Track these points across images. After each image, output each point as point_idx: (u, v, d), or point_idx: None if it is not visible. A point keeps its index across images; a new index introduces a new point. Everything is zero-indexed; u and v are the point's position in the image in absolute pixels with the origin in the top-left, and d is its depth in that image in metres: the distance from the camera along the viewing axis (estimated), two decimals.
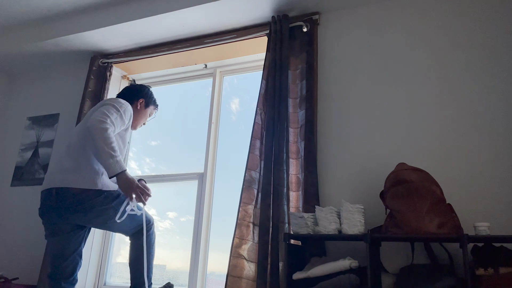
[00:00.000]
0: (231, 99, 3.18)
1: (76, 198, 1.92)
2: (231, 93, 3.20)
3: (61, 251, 2.02)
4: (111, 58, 3.30)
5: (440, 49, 2.38)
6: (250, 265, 2.28)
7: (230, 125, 3.10)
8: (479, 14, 2.35)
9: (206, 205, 2.85)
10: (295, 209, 2.34)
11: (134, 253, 2.11)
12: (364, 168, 2.34)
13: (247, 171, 2.42)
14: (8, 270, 3.12)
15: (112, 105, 2.05)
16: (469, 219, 2.03)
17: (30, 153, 3.45)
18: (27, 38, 3.35)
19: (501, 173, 2.06)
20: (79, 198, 1.92)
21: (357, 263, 1.89)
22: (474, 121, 2.19)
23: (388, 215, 1.94)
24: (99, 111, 1.98)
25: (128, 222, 2.05)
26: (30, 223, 3.20)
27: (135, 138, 3.39)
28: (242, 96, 3.18)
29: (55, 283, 2.03)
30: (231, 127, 3.09)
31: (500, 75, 2.21)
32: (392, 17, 2.57)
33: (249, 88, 3.17)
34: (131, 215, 2.04)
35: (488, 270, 1.68)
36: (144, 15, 2.90)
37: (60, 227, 2.00)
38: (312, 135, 2.40)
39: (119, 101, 2.11)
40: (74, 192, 1.92)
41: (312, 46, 2.62)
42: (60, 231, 2.01)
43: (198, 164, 3.03)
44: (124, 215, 1.98)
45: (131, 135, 3.36)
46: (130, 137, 2.17)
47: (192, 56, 3.15)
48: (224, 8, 2.74)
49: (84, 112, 3.11)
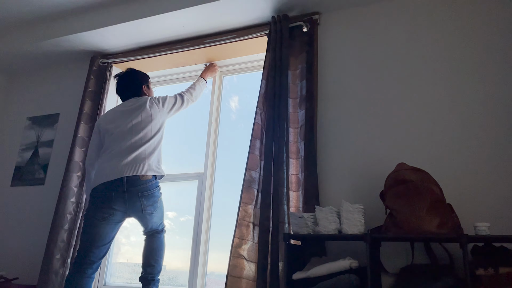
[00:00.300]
0: (231, 98, 3.18)
1: (144, 186, 2.29)
2: (231, 93, 3.20)
3: (104, 236, 2.27)
4: (111, 58, 3.30)
5: (440, 49, 2.38)
6: (250, 265, 2.28)
7: (230, 125, 3.10)
8: (479, 14, 2.36)
9: (206, 205, 2.85)
10: (295, 209, 2.34)
11: (156, 245, 2.38)
12: (364, 168, 2.34)
13: (247, 171, 2.42)
14: (8, 270, 3.12)
15: (166, 99, 2.64)
16: (469, 219, 2.03)
17: (30, 153, 3.45)
18: (27, 38, 3.35)
19: (501, 173, 2.06)
20: (146, 186, 2.29)
21: (357, 263, 1.88)
22: (474, 121, 2.19)
23: (388, 215, 1.94)
24: (169, 100, 2.64)
25: (160, 216, 2.41)
26: (30, 223, 3.20)
27: None
28: (242, 96, 3.19)
29: (80, 268, 2.23)
30: (231, 127, 3.09)
31: (500, 75, 2.21)
32: (392, 17, 2.58)
33: (249, 88, 3.17)
34: (162, 210, 2.43)
35: (488, 270, 1.68)
36: (144, 15, 2.90)
37: (116, 213, 2.27)
38: (312, 135, 2.40)
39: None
40: (143, 182, 2.29)
41: (312, 46, 2.62)
42: (112, 218, 2.27)
43: (198, 164, 3.03)
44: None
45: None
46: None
47: (192, 56, 3.15)
48: (224, 8, 2.74)
49: (84, 112, 3.11)
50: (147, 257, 2.34)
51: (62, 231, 2.82)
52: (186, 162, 3.16)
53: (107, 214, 2.25)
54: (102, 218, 2.25)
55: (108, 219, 2.25)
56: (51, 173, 3.28)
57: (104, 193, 2.27)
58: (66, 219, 2.85)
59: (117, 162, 2.30)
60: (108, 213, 2.25)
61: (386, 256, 2.13)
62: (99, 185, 2.30)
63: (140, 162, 2.33)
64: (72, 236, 2.82)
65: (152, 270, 2.32)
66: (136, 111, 2.47)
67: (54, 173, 3.27)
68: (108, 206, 2.25)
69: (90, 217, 2.27)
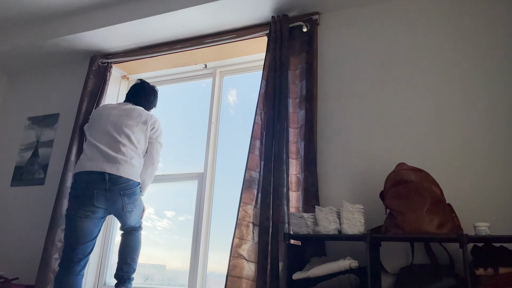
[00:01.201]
0: (231, 98, 3.18)
1: (126, 184, 2.31)
2: (231, 93, 3.20)
3: (88, 233, 2.30)
4: (110, 58, 3.30)
5: (440, 49, 2.38)
6: (250, 265, 2.28)
7: (230, 125, 3.10)
8: (479, 14, 2.35)
9: (206, 205, 2.85)
10: (295, 209, 2.34)
11: (134, 242, 2.43)
12: (364, 168, 2.34)
13: (247, 171, 2.42)
14: (8, 270, 3.12)
15: (160, 134, 2.63)
16: (469, 219, 2.03)
17: (30, 153, 3.45)
18: (27, 38, 3.35)
19: (501, 173, 2.06)
20: (128, 184, 2.32)
21: (357, 263, 1.88)
22: (474, 120, 2.19)
23: (388, 215, 1.94)
24: (158, 142, 2.58)
25: (139, 213, 2.46)
26: (30, 223, 3.20)
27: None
28: (242, 96, 3.19)
29: (68, 266, 2.25)
30: (231, 127, 3.09)
31: (500, 75, 2.21)
32: (392, 17, 2.57)
33: (249, 88, 3.17)
34: (141, 208, 2.49)
35: (488, 270, 1.68)
36: (144, 15, 2.90)
37: (99, 210, 2.29)
38: (312, 135, 2.40)
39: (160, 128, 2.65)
40: (125, 180, 2.31)
41: (312, 46, 2.62)
42: (94, 216, 2.29)
43: (198, 164, 3.03)
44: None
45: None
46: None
47: (192, 56, 3.15)
48: (224, 8, 2.74)
49: (83, 111, 3.11)
50: (124, 254, 2.39)
51: (60, 230, 2.82)
52: (186, 162, 3.16)
53: (90, 211, 2.27)
54: (85, 216, 2.27)
55: (90, 216, 2.28)
56: (51, 173, 3.28)
57: (85, 191, 2.27)
58: (64, 219, 2.85)
59: (99, 156, 2.33)
60: (90, 210, 2.27)
61: (386, 256, 2.13)
62: (81, 173, 2.32)
63: (123, 163, 2.34)
64: None
65: (128, 269, 2.38)
66: (136, 115, 2.52)
67: (54, 173, 3.27)
68: (91, 204, 2.26)
69: (72, 215, 2.28)
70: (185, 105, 3.38)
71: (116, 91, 3.38)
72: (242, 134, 3.02)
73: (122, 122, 2.46)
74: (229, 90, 3.18)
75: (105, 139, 2.40)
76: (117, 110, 2.53)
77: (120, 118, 2.48)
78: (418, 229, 1.76)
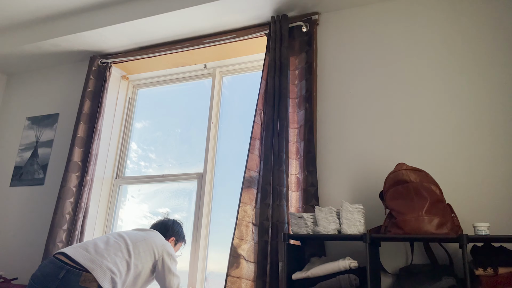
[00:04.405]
0: (231, 98, 3.18)
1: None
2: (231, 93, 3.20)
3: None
4: (110, 58, 3.30)
5: (440, 49, 2.38)
6: (250, 265, 2.28)
7: (230, 125, 3.10)
8: (479, 14, 2.36)
9: (205, 205, 2.85)
10: (295, 209, 2.35)
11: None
12: (363, 168, 2.34)
13: (246, 171, 2.42)
14: (7, 270, 3.12)
15: (174, 260, 2.23)
16: (469, 219, 2.03)
17: (30, 153, 3.45)
18: (26, 38, 3.35)
19: (501, 173, 2.06)
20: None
21: (357, 263, 1.88)
22: (474, 121, 2.19)
23: (388, 215, 1.94)
24: (171, 272, 2.17)
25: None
26: (30, 223, 3.20)
27: (136, 139, 3.39)
28: (241, 96, 3.18)
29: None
30: (231, 127, 3.09)
31: (500, 75, 2.21)
32: (392, 17, 2.58)
33: (249, 88, 3.17)
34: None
35: (487, 270, 1.68)
36: (144, 15, 2.90)
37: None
38: (311, 135, 2.40)
39: (173, 252, 2.25)
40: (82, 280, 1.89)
41: (312, 46, 2.62)
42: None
43: (198, 164, 3.03)
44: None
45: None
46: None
47: (191, 56, 3.15)
48: (224, 8, 2.74)
49: (83, 112, 3.11)
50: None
51: (61, 231, 2.82)
52: (186, 162, 3.16)
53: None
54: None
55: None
56: (51, 173, 3.28)
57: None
58: (65, 219, 2.85)
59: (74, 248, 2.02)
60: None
61: (385, 256, 2.14)
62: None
63: (100, 264, 1.95)
64: (71, 236, 2.82)
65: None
66: (145, 237, 2.20)
67: (53, 173, 3.27)
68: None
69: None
70: (184, 105, 3.38)
71: (116, 91, 3.38)
72: (242, 134, 3.02)
73: (128, 234, 2.22)
74: (229, 90, 3.18)
75: (98, 242, 2.10)
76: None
77: (129, 233, 2.24)
78: (417, 229, 1.77)
